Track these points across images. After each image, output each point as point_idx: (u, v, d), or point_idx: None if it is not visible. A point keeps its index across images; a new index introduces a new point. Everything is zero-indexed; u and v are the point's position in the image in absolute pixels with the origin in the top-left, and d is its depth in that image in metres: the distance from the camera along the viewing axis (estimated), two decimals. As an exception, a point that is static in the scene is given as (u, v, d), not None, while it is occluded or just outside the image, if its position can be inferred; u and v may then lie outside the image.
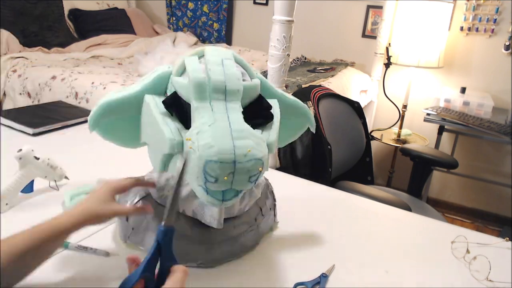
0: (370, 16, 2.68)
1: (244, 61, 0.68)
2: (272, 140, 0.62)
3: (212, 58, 0.63)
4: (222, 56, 0.63)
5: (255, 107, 0.64)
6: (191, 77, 0.59)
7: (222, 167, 0.54)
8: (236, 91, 0.60)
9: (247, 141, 0.55)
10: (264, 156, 0.56)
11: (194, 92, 0.59)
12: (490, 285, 0.74)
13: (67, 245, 0.73)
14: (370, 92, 2.57)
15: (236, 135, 0.55)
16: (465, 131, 2.31)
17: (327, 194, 1.07)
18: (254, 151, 0.55)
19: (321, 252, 0.79)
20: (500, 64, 2.36)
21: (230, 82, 0.60)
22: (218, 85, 0.59)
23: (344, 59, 2.72)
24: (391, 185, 2.71)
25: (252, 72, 0.68)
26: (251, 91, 0.63)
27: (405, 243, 0.86)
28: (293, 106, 0.77)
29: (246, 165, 0.54)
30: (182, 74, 0.65)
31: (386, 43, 2.43)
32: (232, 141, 0.54)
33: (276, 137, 0.64)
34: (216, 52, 0.64)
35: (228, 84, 0.59)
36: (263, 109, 0.66)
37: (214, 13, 3.24)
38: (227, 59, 0.63)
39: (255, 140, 0.56)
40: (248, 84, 0.62)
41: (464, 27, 2.40)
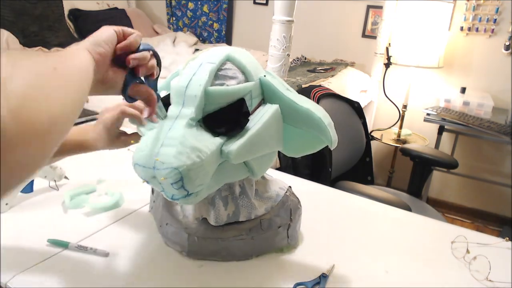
0: (370, 16, 2.68)
1: (244, 63, 0.64)
2: (230, 149, 0.59)
3: (194, 61, 0.63)
4: (205, 60, 0.62)
5: (228, 111, 0.61)
6: (175, 83, 0.62)
7: (144, 170, 0.57)
8: (193, 97, 0.59)
9: (169, 149, 0.55)
10: (183, 166, 0.54)
11: (174, 97, 0.62)
12: (490, 285, 0.74)
13: (67, 245, 0.73)
14: (370, 92, 2.57)
15: (166, 142, 0.56)
16: (465, 131, 2.31)
17: (327, 194, 1.07)
18: (171, 159, 0.55)
19: (321, 252, 0.79)
20: (500, 64, 2.36)
21: (190, 87, 0.60)
22: (180, 90, 0.60)
23: (344, 59, 2.72)
24: (391, 185, 2.71)
25: (251, 75, 0.64)
26: (221, 96, 0.60)
27: (405, 243, 0.86)
28: (305, 115, 0.66)
29: (161, 173, 0.55)
30: None
31: (386, 43, 2.43)
32: (160, 147, 0.56)
33: (239, 147, 0.59)
34: (205, 55, 0.64)
35: (188, 89, 0.60)
36: (238, 114, 0.62)
37: (214, 13, 3.24)
38: (209, 62, 0.62)
39: (179, 149, 0.55)
40: (217, 89, 0.60)
41: (464, 27, 2.40)
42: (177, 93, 0.61)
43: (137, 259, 0.73)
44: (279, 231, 0.76)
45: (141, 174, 0.59)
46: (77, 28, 2.93)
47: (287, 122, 0.69)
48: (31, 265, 0.68)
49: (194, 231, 0.73)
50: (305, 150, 0.75)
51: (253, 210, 0.74)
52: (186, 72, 0.62)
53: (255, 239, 0.74)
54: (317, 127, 0.67)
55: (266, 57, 1.39)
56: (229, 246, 0.73)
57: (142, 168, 0.57)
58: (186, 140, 0.56)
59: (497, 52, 2.36)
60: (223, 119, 0.61)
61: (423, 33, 2.22)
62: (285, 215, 0.77)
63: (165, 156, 0.55)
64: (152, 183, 0.59)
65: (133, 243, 0.77)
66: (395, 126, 2.57)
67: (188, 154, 0.55)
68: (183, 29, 3.42)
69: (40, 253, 0.72)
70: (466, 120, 2.04)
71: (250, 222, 0.74)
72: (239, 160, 0.61)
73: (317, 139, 0.71)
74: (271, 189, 0.79)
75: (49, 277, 0.66)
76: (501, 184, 2.46)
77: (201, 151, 0.57)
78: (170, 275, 0.70)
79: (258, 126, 0.62)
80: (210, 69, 0.61)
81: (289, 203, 0.79)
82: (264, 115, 0.64)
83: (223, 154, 0.60)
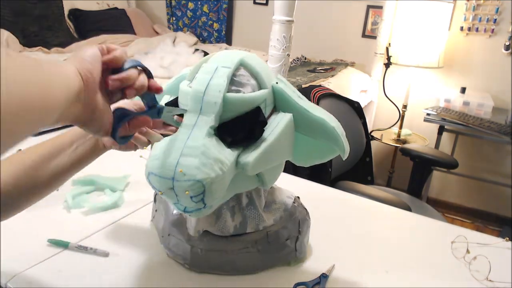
0: (370, 16, 2.68)
1: (257, 69, 0.61)
2: (247, 161, 0.56)
3: (208, 65, 0.59)
4: (220, 63, 0.59)
5: (245, 120, 0.58)
6: (192, 88, 0.57)
7: (160, 181, 0.53)
8: (212, 104, 0.55)
9: (192, 159, 0.51)
10: (207, 178, 0.51)
11: (191, 104, 0.57)
12: (490, 285, 0.74)
13: (67, 245, 0.73)
14: (370, 92, 2.57)
15: (186, 151, 0.52)
16: (465, 131, 2.31)
17: (327, 194, 1.06)
18: (194, 171, 0.51)
19: (321, 252, 0.79)
20: (500, 64, 2.37)
21: (208, 93, 0.55)
22: (197, 95, 0.56)
23: (344, 59, 2.72)
24: (391, 185, 2.71)
25: (264, 82, 0.62)
26: (238, 104, 0.57)
27: (405, 243, 0.86)
28: (319, 125, 0.64)
29: (182, 185, 0.51)
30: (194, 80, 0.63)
31: (386, 43, 2.43)
32: (179, 157, 0.52)
33: (256, 158, 0.56)
34: (219, 58, 0.60)
35: (206, 95, 0.55)
36: (254, 124, 0.58)
37: (214, 13, 3.24)
38: (224, 67, 0.58)
39: (202, 160, 0.52)
40: (235, 96, 0.57)
41: (464, 27, 2.40)
42: (194, 99, 0.56)
43: (137, 260, 0.73)
44: (286, 243, 0.73)
45: (156, 184, 0.54)
46: (77, 28, 2.93)
47: (298, 131, 0.66)
48: (31, 265, 0.68)
49: (197, 243, 0.69)
50: (315, 159, 0.73)
51: (261, 222, 0.71)
52: (201, 76, 0.58)
53: (261, 252, 0.71)
54: (330, 136, 0.65)
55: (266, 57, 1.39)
56: (234, 259, 0.70)
57: (158, 178, 0.53)
58: (208, 150, 0.53)
59: (497, 52, 2.36)
60: (239, 129, 0.57)
61: (423, 33, 2.22)
62: (293, 227, 0.74)
63: (187, 167, 0.51)
64: (167, 195, 0.54)
65: (134, 244, 0.77)
66: (395, 126, 2.57)
67: (212, 166, 0.52)
68: (183, 29, 3.42)
69: (40, 253, 0.72)
70: (466, 120, 2.04)
71: (256, 234, 0.71)
72: (255, 171, 0.58)
73: (327, 148, 0.69)
74: (278, 198, 0.76)
75: (49, 277, 0.66)
76: (501, 184, 2.46)
77: (222, 163, 0.53)
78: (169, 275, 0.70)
79: (274, 136, 0.59)
80: (227, 74, 0.57)
81: (297, 215, 0.75)
82: (279, 125, 0.61)
83: (239, 166, 0.56)
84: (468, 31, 2.40)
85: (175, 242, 0.71)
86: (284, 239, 0.72)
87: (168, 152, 0.53)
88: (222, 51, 0.64)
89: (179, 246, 0.71)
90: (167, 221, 0.73)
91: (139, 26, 3.22)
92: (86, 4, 3.03)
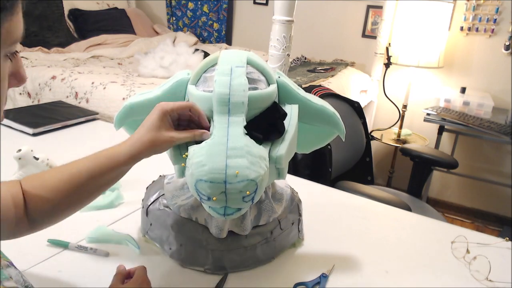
0: (370, 16, 2.68)
1: (262, 64, 0.64)
2: (280, 154, 0.58)
3: (222, 66, 0.60)
4: (232, 64, 0.60)
5: (267, 115, 0.61)
6: (216, 91, 0.58)
7: (212, 186, 0.53)
8: (240, 104, 0.57)
9: (240, 160, 0.53)
10: (259, 176, 0.53)
11: (217, 107, 0.58)
12: (490, 285, 0.74)
13: (67, 245, 0.73)
14: (370, 92, 2.57)
15: (231, 153, 0.53)
16: (465, 131, 2.31)
17: (327, 194, 1.07)
18: (246, 171, 0.52)
19: (321, 252, 0.79)
20: (500, 64, 2.36)
21: (234, 94, 0.57)
22: (222, 97, 0.57)
23: (344, 59, 2.72)
24: (391, 185, 2.71)
25: (271, 77, 0.64)
26: (261, 100, 0.60)
27: (405, 243, 0.86)
28: (321, 112, 0.69)
29: (237, 186, 0.52)
30: (198, 82, 0.64)
31: (386, 43, 2.43)
32: (225, 159, 0.52)
33: (286, 150, 0.59)
34: (229, 59, 0.61)
35: (232, 96, 0.57)
36: (276, 117, 0.61)
37: (214, 13, 3.24)
38: (238, 66, 0.60)
39: (250, 159, 0.53)
40: (258, 93, 0.59)
41: (464, 27, 2.40)
42: (220, 101, 0.57)
43: (138, 259, 0.73)
44: (292, 227, 0.78)
45: (208, 190, 0.53)
46: (77, 28, 2.93)
47: (301, 121, 0.69)
48: (31, 265, 0.68)
49: (218, 246, 0.69)
50: (315, 145, 0.78)
51: (274, 213, 0.73)
52: (220, 78, 0.58)
53: (276, 240, 0.74)
54: (331, 121, 0.70)
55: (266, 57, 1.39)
56: (255, 253, 0.72)
57: (209, 184, 0.53)
58: (251, 149, 0.54)
59: (497, 52, 2.36)
60: (264, 125, 0.59)
61: (423, 33, 2.22)
62: (295, 210, 0.79)
63: (239, 168, 0.52)
64: (218, 200, 0.54)
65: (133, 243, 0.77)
66: (395, 126, 2.57)
67: (260, 164, 0.53)
68: (183, 29, 3.42)
69: (40, 253, 0.72)
70: (466, 120, 2.04)
71: (270, 224, 0.73)
72: (285, 164, 0.60)
73: (325, 133, 0.74)
74: (279, 188, 0.79)
75: (49, 277, 0.66)
76: (501, 184, 2.46)
77: (265, 159, 0.55)
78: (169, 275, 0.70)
79: (293, 127, 0.62)
80: (244, 73, 0.59)
81: (296, 199, 0.81)
82: (293, 116, 0.63)
83: (272, 160, 0.58)
84: (468, 31, 2.40)
85: (190, 250, 0.70)
86: (291, 224, 0.77)
87: (211, 157, 0.53)
88: (225, 51, 0.65)
89: (196, 253, 0.70)
90: (175, 232, 0.71)
91: (139, 26, 3.22)
92: (86, 4, 3.03)
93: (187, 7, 3.34)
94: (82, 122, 1.40)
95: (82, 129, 1.36)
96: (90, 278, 0.67)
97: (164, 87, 0.67)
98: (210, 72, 0.63)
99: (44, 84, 2.01)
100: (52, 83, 2.00)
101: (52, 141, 1.24)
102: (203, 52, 2.36)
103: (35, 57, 2.30)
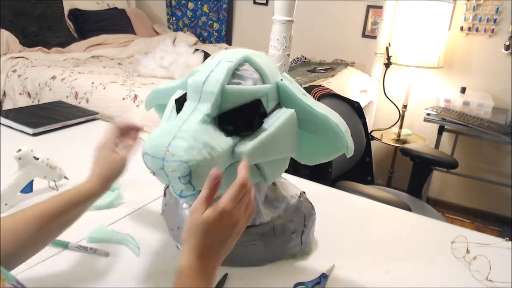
0: (370, 16, 2.68)
1: (260, 64, 0.64)
2: (242, 150, 0.58)
3: (213, 60, 0.63)
4: (223, 58, 0.62)
5: (246, 111, 0.61)
6: (191, 79, 0.62)
7: (152, 161, 0.56)
8: (210, 93, 0.59)
9: (181, 141, 0.54)
10: (193, 160, 0.54)
11: (191, 94, 0.62)
12: (490, 285, 0.74)
13: (67, 245, 0.73)
14: (370, 92, 2.57)
15: (179, 134, 0.55)
16: (465, 131, 2.31)
17: (327, 194, 1.07)
18: (181, 153, 0.54)
19: (321, 252, 0.79)
20: (500, 64, 2.36)
21: (207, 83, 0.59)
22: (196, 85, 0.60)
23: (344, 59, 2.72)
24: (391, 185, 2.71)
25: (267, 77, 0.64)
26: (239, 96, 0.60)
27: (405, 243, 0.86)
28: (322, 121, 0.66)
29: (171, 165, 0.54)
30: None
31: (386, 43, 2.43)
32: (171, 139, 0.55)
33: (252, 147, 0.59)
34: (224, 54, 0.64)
35: (205, 85, 0.59)
36: (255, 114, 0.61)
37: (214, 13, 3.24)
38: (227, 61, 0.61)
39: (191, 143, 0.54)
40: (236, 88, 0.60)
41: (464, 27, 2.40)
42: (193, 89, 0.60)
43: (138, 259, 0.73)
44: (292, 237, 0.75)
45: (149, 164, 0.57)
46: (77, 28, 2.93)
47: (302, 128, 0.68)
48: (31, 265, 0.68)
49: None
50: (320, 158, 0.75)
51: (258, 216, 0.72)
52: (204, 69, 0.62)
53: (267, 244, 0.73)
54: (334, 133, 0.67)
55: (266, 57, 1.39)
56: (242, 251, 0.71)
57: (151, 158, 0.56)
58: (199, 135, 0.56)
59: (497, 52, 2.36)
60: (238, 119, 0.60)
61: (423, 33, 2.22)
62: (299, 220, 0.76)
63: (176, 149, 0.54)
64: (159, 175, 0.58)
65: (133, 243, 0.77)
66: (395, 126, 2.57)
67: (200, 150, 0.55)
68: (183, 29, 3.42)
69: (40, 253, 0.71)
70: (466, 120, 2.04)
71: (263, 226, 0.72)
72: (250, 162, 0.60)
73: (332, 147, 0.71)
74: (282, 196, 0.77)
75: (49, 277, 0.66)
76: (501, 184, 2.46)
77: (213, 149, 0.56)
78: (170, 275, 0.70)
79: (272, 128, 0.61)
80: (228, 67, 0.60)
81: (303, 209, 0.77)
82: (279, 118, 0.63)
83: (235, 155, 0.59)
84: (468, 31, 2.40)
85: None
86: (290, 233, 0.75)
87: (163, 134, 0.56)
88: (225, 50, 0.66)
89: None
90: (178, 215, 0.75)
91: (139, 26, 3.22)
92: (86, 4, 3.03)
93: (187, 7, 3.34)
94: (82, 122, 1.40)
95: (82, 129, 1.36)
96: (90, 278, 0.67)
97: (183, 78, 0.72)
98: None
99: (44, 84, 2.01)
100: (52, 83, 2.00)
101: (52, 141, 1.24)
102: (203, 52, 2.36)
103: (35, 57, 2.30)
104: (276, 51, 1.29)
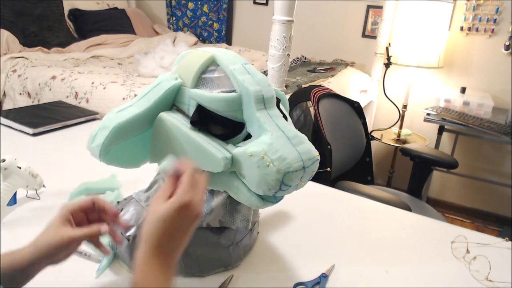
0: (370, 16, 2.68)
1: None
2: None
3: (232, 66, 0.60)
4: (239, 61, 0.61)
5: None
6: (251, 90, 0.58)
7: (297, 175, 0.57)
8: (271, 98, 0.60)
9: (305, 145, 0.58)
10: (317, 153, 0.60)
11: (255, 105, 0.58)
12: (490, 285, 0.74)
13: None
14: (370, 92, 2.57)
15: (295, 141, 0.57)
16: (465, 131, 2.31)
17: (327, 194, 1.07)
18: (313, 152, 0.58)
19: (321, 252, 0.79)
20: (500, 64, 2.37)
21: (264, 89, 0.59)
22: (258, 95, 0.58)
23: (344, 59, 2.72)
24: (391, 185, 2.71)
25: None
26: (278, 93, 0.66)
27: (405, 243, 0.86)
28: None
29: (312, 167, 0.58)
30: (198, 84, 0.61)
31: (386, 43, 2.43)
32: (295, 148, 0.57)
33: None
34: (228, 58, 0.61)
35: (265, 92, 0.59)
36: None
37: (214, 13, 3.24)
38: (246, 64, 0.61)
39: (307, 141, 0.59)
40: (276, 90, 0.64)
41: (464, 27, 2.40)
42: (257, 99, 0.58)
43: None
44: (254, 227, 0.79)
45: (295, 180, 0.57)
46: (77, 28, 2.93)
47: None
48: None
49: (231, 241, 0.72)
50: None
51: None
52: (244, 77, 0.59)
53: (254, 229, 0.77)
54: None
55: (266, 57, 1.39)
56: (244, 245, 0.74)
57: (295, 173, 0.56)
58: (301, 135, 0.59)
59: (497, 52, 2.36)
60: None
61: (423, 33, 2.22)
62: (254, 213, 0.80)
63: (309, 153, 0.57)
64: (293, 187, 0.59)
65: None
66: (395, 126, 2.57)
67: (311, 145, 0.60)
68: (183, 29, 3.42)
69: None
70: (466, 120, 2.04)
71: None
72: None
73: None
74: None
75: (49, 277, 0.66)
76: (501, 184, 2.46)
77: None
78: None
79: None
80: (256, 69, 0.63)
81: None
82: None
83: None
84: (468, 31, 2.40)
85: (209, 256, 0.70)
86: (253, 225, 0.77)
87: (284, 150, 0.56)
88: (216, 52, 0.62)
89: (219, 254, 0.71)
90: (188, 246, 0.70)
91: (139, 26, 3.22)
92: (86, 4, 3.03)
93: (187, 7, 3.34)
94: (82, 122, 1.40)
95: (82, 129, 1.36)
96: (90, 278, 0.67)
97: (153, 97, 0.61)
98: (210, 73, 0.61)
99: (44, 84, 2.01)
100: (52, 83, 2.00)
101: (52, 141, 1.24)
102: (203, 52, 2.36)
103: (35, 57, 2.30)
104: (276, 51, 1.29)
